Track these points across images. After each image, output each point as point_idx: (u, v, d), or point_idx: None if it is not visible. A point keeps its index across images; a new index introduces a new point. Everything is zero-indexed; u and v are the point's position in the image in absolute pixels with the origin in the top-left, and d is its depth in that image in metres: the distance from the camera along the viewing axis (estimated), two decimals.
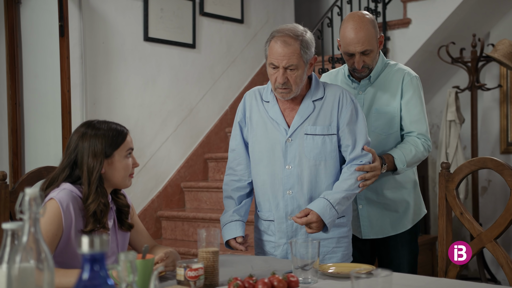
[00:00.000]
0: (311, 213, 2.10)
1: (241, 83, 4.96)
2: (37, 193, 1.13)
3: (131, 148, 2.01)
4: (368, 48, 2.34)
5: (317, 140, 2.15)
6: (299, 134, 2.17)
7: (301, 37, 2.11)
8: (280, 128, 2.19)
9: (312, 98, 2.19)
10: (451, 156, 4.65)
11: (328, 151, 2.16)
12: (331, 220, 2.12)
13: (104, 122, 1.99)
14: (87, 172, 1.91)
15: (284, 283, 1.62)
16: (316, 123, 2.16)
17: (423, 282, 1.77)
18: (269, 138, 2.21)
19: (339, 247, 2.23)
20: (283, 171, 2.18)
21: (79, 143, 1.94)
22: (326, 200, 2.12)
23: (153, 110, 4.27)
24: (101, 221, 1.91)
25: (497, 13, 4.97)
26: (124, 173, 1.99)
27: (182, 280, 1.68)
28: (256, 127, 2.25)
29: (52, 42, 3.67)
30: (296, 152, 2.16)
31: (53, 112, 3.68)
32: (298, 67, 2.10)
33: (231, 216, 2.30)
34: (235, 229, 2.27)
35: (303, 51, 2.10)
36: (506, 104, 4.99)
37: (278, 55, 2.10)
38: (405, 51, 4.67)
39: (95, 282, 0.96)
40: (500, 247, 2.12)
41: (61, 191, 1.89)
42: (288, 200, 2.19)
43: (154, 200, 4.26)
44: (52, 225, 1.83)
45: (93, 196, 1.90)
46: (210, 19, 4.69)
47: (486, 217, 4.90)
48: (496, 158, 2.16)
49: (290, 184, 2.18)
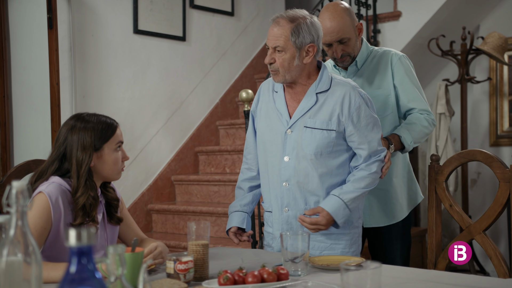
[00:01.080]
0: (321, 215, 2.07)
1: (232, 76, 4.95)
2: (24, 186, 1.12)
3: (121, 141, 2.00)
4: (344, 36, 2.35)
5: (315, 134, 2.11)
6: (299, 126, 2.14)
7: (297, 21, 2.07)
8: (283, 119, 2.17)
9: (316, 90, 2.14)
10: (441, 148, 4.67)
11: (325, 146, 2.11)
12: (343, 220, 2.11)
13: (94, 115, 1.98)
14: (76, 165, 1.90)
15: (274, 276, 1.62)
16: (316, 116, 2.12)
17: (412, 274, 1.77)
18: (272, 128, 2.19)
19: (338, 243, 2.18)
20: (281, 162, 2.16)
21: (68, 136, 1.93)
22: (340, 200, 2.08)
23: (143, 103, 4.26)
24: (90, 215, 1.91)
25: (487, 6, 4.98)
26: (114, 166, 1.97)
27: (172, 273, 1.68)
28: (264, 117, 2.24)
29: (40, 34, 3.64)
30: (295, 144, 2.14)
31: (42, 105, 3.66)
32: (286, 50, 2.07)
33: (234, 206, 2.31)
34: (231, 220, 2.28)
35: (293, 35, 2.06)
36: (496, 97, 5.01)
37: (269, 35, 2.10)
38: (395, 43, 4.68)
39: (82, 275, 0.95)
40: (489, 239, 2.14)
41: (50, 185, 1.88)
42: (284, 191, 2.17)
43: (144, 193, 4.25)
44: (41, 218, 1.82)
45: (82, 189, 1.89)
46: (200, 11, 4.67)
47: (476, 209, 4.93)
48: (486, 150, 2.17)
49: (287, 176, 2.15)
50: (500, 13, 5.00)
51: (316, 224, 2.08)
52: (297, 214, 2.16)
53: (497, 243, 4.76)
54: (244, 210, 2.30)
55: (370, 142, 2.12)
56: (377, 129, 2.15)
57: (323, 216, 2.07)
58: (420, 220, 5.45)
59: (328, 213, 2.07)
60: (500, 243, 4.80)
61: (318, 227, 2.08)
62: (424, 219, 5.41)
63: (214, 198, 4.24)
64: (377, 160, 2.13)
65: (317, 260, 1.90)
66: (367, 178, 2.12)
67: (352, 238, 2.20)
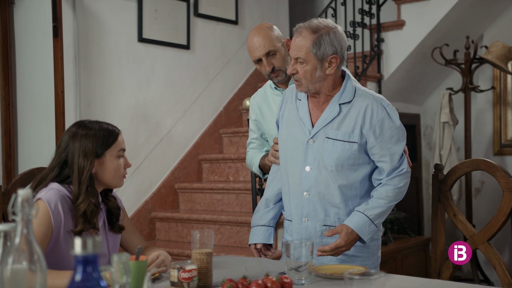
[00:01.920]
0: (340, 236, 2.05)
1: (236, 84, 4.96)
2: (30, 194, 1.13)
3: (123, 149, 2.00)
4: (270, 49, 2.43)
5: (337, 145, 2.09)
6: (321, 137, 2.11)
7: (320, 33, 2.04)
8: (305, 128, 2.15)
9: (339, 101, 2.12)
10: (444, 157, 4.67)
11: (346, 158, 2.09)
12: (369, 237, 2.09)
13: (96, 122, 1.98)
14: (77, 171, 1.91)
15: (278, 285, 1.62)
16: (339, 128, 2.10)
17: (416, 284, 1.77)
18: (295, 137, 2.18)
19: (357, 257, 2.16)
20: (302, 172, 2.14)
21: (70, 143, 1.93)
22: (365, 216, 2.06)
23: (147, 111, 4.27)
24: (91, 221, 1.91)
25: (491, 15, 4.99)
26: (115, 173, 1.98)
27: (176, 282, 1.68)
28: (286, 125, 2.23)
29: (45, 42, 3.66)
30: (316, 154, 2.11)
31: (47, 113, 3.67)
32: (307, 62, 2.05)
33: (259, 219, 2.30)
34: (256, 234, 2.27)
35: (314, 47, 2.03)
36: (500, 106, 5.01)
37: (292, 45, 2.09)
38: (399, 52, 4.69)
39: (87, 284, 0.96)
40: (493, 248, 2.13)
41: (49, 191, 1.88)
42: (305, 202, 2.14)
43: (148, 201, 4.25)
44: (41, 225, 1.82)
45: (83, 196, 1.89)
46: (204, 20, 4.69)
47: (479, 219, 4.92)
48: (489, 159, 2.17)
49: (308, 186, 2.13)
50: (504, 22, 5.01)
51: (336, 248, 2.06)
52: (316, 225, 2.14)
53: (501, 252, 4.74)
54: (270, 225, 2.28)
55: (393, 155, 2.09)
56: (401, 141, 2.11)
57: (341, 237, 2.05)
58: (424, 229, 5.44)
59: (347, 233, 2.05)
60: (504, 253, 4.78)
61: (339, 250, 2.07)
62: (428, 228, 5.39)
63: (218, 206, 4.24)
64: (399, 174, 2.11)
65: (321, 269, 1.90)
66: (391, 193, 2.10)
67: (370, 251, 2.18)
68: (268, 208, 2.31)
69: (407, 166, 2.14)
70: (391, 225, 4.56)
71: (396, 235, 4.70)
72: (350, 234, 2.05)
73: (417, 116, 5.52)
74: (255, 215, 2.32)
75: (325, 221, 2.13)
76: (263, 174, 2.57)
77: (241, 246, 3.87)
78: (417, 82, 5.18)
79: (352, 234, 2.06)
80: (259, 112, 2.60)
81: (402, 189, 2.13)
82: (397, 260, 4.37)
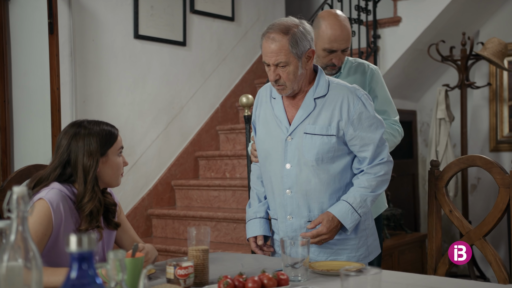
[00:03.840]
0: (322, 224, 2.06)
1: (232, 81, 4.95)
2: (25, 192, 1.12)
3: (122, 147, 2.02)
4: (347, 45, 2.43)
5: (315, 140, 2.09)
6: (299, 133, 2.12)
7: (292, 32, 2.04)
8: (282, 126, 2.15)
9: (314, 95, 2.12)
10: (441, 154, 4.67)
11: (326, 151, 2.09)
12: (352, 225, 2.09)
13: (94, 122, 1.99)
14: (82, 171, 1.91)
15: (274, 281, 1.62)
16: (316, 122, 2.10)
17: (412, 280, 1.77)
18: (273, 136, 2.17)
19: (344, 249, 2.16)
20: (283, 170, 2.14)
21: (72, 143, 1.92)
22: (348, 204, 2.08)
23: (144, 108, 4.26)
24: (96, 220, 1.91)
25: (487, 12, 5.00)
26: (117, 171, 1.99)
27: (172, 279, 1.68)
28: (263, 125, 2.22)
29: (41, 39, 3.64)
30: (296, 151, 2.12)
31: (42, 110, 3.66)
32: (289, 63, 2.04)
33: (255, 212, 2.28)
34: (254, 227, 2.25)
35: (292, 46, 2.02)
36: (496, 102, 5.01)
37: (267, 52, 2.05)
38: (395, 49, 4.69)
39: (83, 281, 0.96)
40: (489, 245, 2.13)
41: (50, 191, 1.88)
42: (287, 199, 2.15)
43: (144, 198, 4.25)
44: (41, 225, 1.82)
45: (89, 195, 1.89)
46: (200, 16, 4.68)
47: (475, 215, 4.93)
48: (486, 156, 2.18)
49: (289, 183, 2.14)
50: (500, 19, 5.02)
51: (318, 235, 2.06)
52: (301, 222, 2.14)
53: (497, 248, 4.76)
54: (266, 217, 2.27)
55: (372, 143, 2.10)
56: (380, 129, 2.12)
57: (323, 225, 2.06)
58: (420, 225, 5.45)
59: (328, 220, 2.06)
60: (500, 249, 4.79)
61: (321, 237, 2.07)
62: (424, 224, 5.40)
63: (214, 203, 4.24)
64: (380, 163, 2.12)
65: (317, 266, 1.90)
66: (373, 181, 2.10)
67: (359, 242, 2.18)
68: (261, 202, 2.30)
69: (388, 155, 2.14)
70: (387, 221, 4.57)
71: (392, 231, 4.71)
72: (331, 221, 2.06)
73: (413, 112, 5.53)
74: (250, 209, 2.31)
75: (309, 217, 2.14)
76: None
77: (238, 243, 3.87)
78: (413, 78, 5.19)
79: (334, 220, 2.06)
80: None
81: (384, 178, 2.13)
82: (393, 257, 4.37)
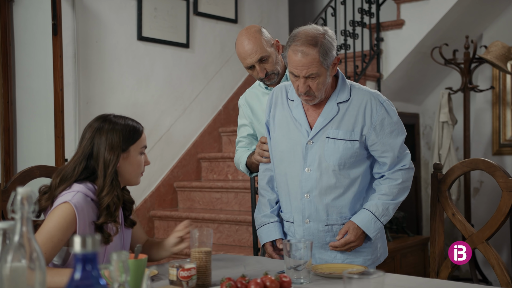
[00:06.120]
0: (349, 232, 2.09)
1: (235, 83, 4.96)
2: (30, 192, 1.13)
3: (145, 146, 2.01)
4: (262, 55, 2.41)
5: (338, 145, 2.08)
6: (321, 137, 2.10)
7: (320, 43, 2.00)
8: (302, 129, 2.12)
9: (336, 100, 2.10)
10: (443, 157, 4.67)
11: (349, 156, 2.08)
12: (376, 233, 2.12)
13: (121, 117, 1.99)
14: (103, 165, 1.90)
15: (277, 284, 1.62)
16: (339, 127, 2.09)
17: (415, 283, 1.77)
18: (291, 138, 2.15)
19: (361, 251, 2.17)
20: (302, 174, 2.12)
21: (96, 136, 1.93)
22: (371, 213, 2.09)
23: (147, 109, 4.26)
24: (113, 214, 1.90)
25: (490, 15, 4.99)
26: (137, 169, 1.99)
27: (175, 280, 1.68)
28: (279, 126, 2.19)
29: (45, 40, 3.65)
30: (316, 155, 2.10)
31: (46, 111, 3.67)
32: (320, 74, 2.01)
33: (270, 217, 2.25)
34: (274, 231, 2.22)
35: (323, 58, 1.99)
36: (499, 106, 5.01)
37: (297, 65, 2.00)
38: (398, 52, 4.69)
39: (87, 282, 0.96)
40: (492, 248, 2.13)
41: (76, 195, 1.85)
42: (306, 203, 2.13)
43: (147, 199, 4.25)
44: (59, 230, 1.80)
45: (108, 188, 1.89)
46: (204, 18, 4.68)
47: (478, 218, 4.92)
48: (488, 159, 2.17)
49: (309, 187, 2.12)
50: (503, 22, 5.01)
51: (346, 243, 2.10)
52: (319, 226, 2.14)
53: (499, 252, 4.75)
54: (279, 221, 2.26)
55: (394, 149, 2.11)
56: (401, 135, 2.13)
57: (350, 233, 2.09)
58: (422, 228, 5.44)
59: (354, 228, 2.09)
60: (503, 252, 4.79)
61: (350, 245, 2.11)
62: (426, 227, 5.40)
63: (217, 205, 4.24)
64: (401, 169, 2.13)
65: (320, 268, 1.90)
66: (394, 189, 2.12)
67: (373, 245, 2.20)
68: (273, 208, 2.28)
69: (410, 162, 2.15)
70: (389, 224, 4.57)
71: (394, 234, 4.71)
72: (357, 229, 2.10)
73: (416, 115, 5.53)
74: (262, 215, 2.27)
75: (327, 221, 2.13)
76: (250, 173, 2.56)
77: (240, 244, 3.87)
78: (416, 81, 5.19)
79: (359, 229, 2.10)
80: (250, 113, 2.58)
81: (405, 185, 2.14)
82: (395, 260, 4.37)
